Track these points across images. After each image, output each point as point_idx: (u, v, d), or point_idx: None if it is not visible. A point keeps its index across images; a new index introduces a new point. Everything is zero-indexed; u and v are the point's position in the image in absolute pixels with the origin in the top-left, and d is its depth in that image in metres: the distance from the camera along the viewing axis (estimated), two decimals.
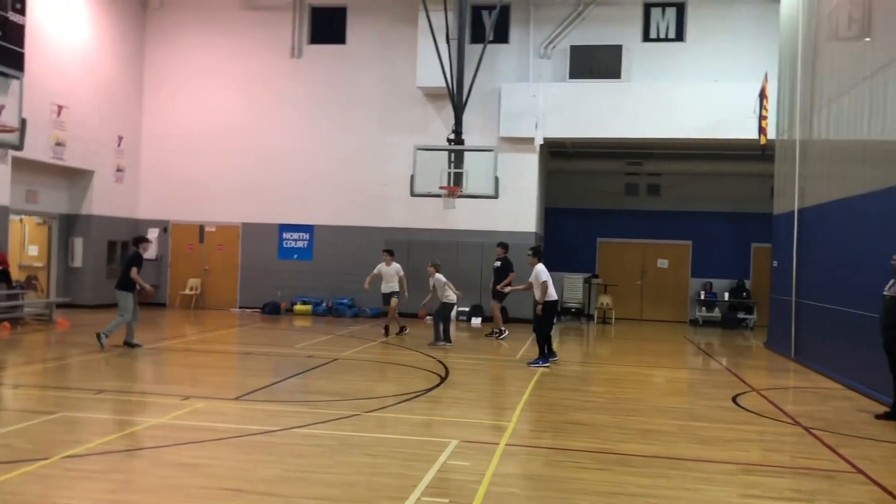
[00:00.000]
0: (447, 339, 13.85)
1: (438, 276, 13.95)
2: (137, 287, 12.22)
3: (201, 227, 20.57)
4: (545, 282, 11.70)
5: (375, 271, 15.21)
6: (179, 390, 9.11)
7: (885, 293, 8.46)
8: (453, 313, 15.59)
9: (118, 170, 19.88)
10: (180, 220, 20.61)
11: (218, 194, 20.32)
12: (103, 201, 19.30)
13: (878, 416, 8.62)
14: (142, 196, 20.75)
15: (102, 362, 11.09)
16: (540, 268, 11.91)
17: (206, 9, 20.61)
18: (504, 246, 15.68)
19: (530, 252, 12.41)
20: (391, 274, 15.06)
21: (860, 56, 11.20)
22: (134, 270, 12.11)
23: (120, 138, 19.86)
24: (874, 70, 10.52)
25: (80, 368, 10.69)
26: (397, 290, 15.06)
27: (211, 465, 6.00)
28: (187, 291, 20.22)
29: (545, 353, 11.94)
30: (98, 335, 12.10)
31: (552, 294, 11.85)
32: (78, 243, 18.91)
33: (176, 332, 14.90)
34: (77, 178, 18.84)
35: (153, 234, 20.19)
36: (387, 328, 15.34)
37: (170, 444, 6.64)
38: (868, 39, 11.03)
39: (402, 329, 15.30)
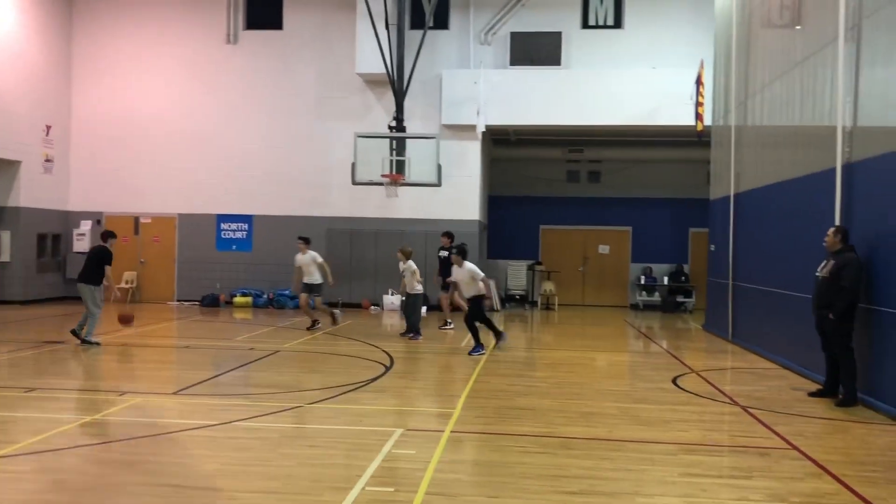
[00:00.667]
0: (416, 331, 13.38)
1: (410, 262, 13.49)
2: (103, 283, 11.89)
3: (136, 219, 19.99)
4: (485, 277, 12.13)
5: (296, 264, 14.60)
6: (116, 386, 8.87)
7: (817, 274, 8.70)
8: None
9: (47, 160, 19.16)
10: (114, 212, 19.97)
11: (153, 184, 19.75)
12: (31, 193, 18.58)
13: (811, 394, 8.89)
14: (73, 187, 20.04)
15: (32, 360, 10.69)
16: (472, 266, 12.05)
17: None
18: (449, 235, 15.44)
19: (454, 250, 12.29)
20: (307, 263, 14.40)
21: (791, 43, 11.49)
22: (109, 270, 11.74)
23: (48, 127, 19.13)
24: (805, 56, 10.80)
25: (8, 366, 10.27)
26: (318, 282, 14.47)
27: (149, 462, 5.83)
28: (123, 285, 19.60)
29: (497, 333, 12.50)
30: (85, 341, 11.64)
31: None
32: (5, 236, 18.19)
33: (112, 327, 14.45)
34: (2, 168, 18.07)
35: (86, 226, 19.57)
36: (315, 322, 14.54)
37: (106, 441, 6.44)
38: (799, 27, 11.32)
39: (314, 323, 14.57)
